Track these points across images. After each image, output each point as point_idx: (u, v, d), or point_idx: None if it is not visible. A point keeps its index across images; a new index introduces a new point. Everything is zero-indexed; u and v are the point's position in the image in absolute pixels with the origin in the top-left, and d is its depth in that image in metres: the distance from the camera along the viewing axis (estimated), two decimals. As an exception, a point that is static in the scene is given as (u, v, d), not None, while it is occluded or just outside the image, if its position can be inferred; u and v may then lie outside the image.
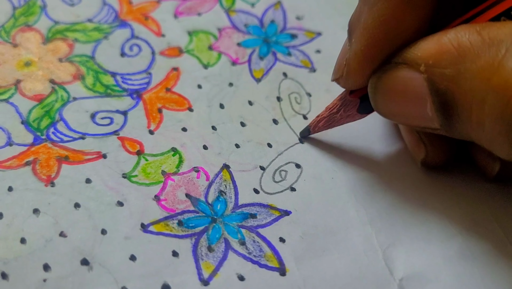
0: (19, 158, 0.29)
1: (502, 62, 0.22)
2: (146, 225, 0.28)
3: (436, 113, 0.25)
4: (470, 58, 0.23)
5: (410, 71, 0.25)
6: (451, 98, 0.24)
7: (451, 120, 0.25)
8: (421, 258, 0.28)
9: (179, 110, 0.32)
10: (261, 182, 0.30)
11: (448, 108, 0.24)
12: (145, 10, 0.36)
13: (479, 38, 0.23)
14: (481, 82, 0.23)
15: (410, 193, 0.30)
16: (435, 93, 0.24)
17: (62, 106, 0.31)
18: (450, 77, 0.23)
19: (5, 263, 0.26)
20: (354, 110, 0.29)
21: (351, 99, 0.29)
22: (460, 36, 0.24)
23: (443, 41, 0.24)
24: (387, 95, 0.26)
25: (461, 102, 0.24)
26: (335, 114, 0.30)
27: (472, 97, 0.23)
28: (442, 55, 0.24)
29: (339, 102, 0.30)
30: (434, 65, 0.24)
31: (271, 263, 0.27)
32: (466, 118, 0.24)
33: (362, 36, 0.27)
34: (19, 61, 0.33)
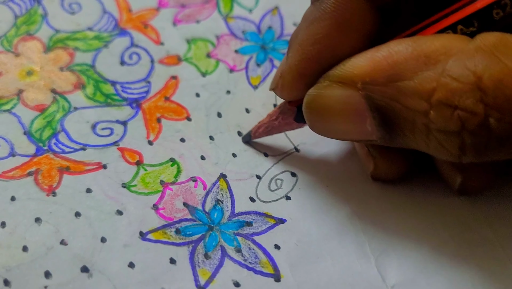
0: (21, 168, 0.30)
1: (440, 81, 0.23)
2: (144, 233, 0.28)
3: (377, 128, 0.25)
4: (407, 75, 0.23)
5: (346, 89, 0.25)
6: (392, 113, 0.24)
7: (392, 133, 0.25)
8: (413, 265, 0.28)
9: (178, 120, 0.33)
10: (257, 190, 0.31)
11: (389, 123, 0.25)
12: (144, 18, 0.37)
13: (413, 53, 0.24)
14: (422, 100, 0.23)
15: (403, 200, 0.31)
16: (375, 109, 0.25)
17: (64, 116, 0.32)
18: (390, 95, 0.24)
19: (8, 270, 0.27)
20: (291, 119, 0.30)
21: (289, 107, 0.30)
22: (394, 51, 0.24)
23: (376, 58, 0.24)
24: (322, 115, 0.27)
25: (403, 116, 0.24)
26: (274, 121, 0.31)
27: (414, 112, 0.23)
28: (378, 73, 0.24)
29: (279, 110, 0.31)
30: (371, 82, 0.24)
31: (266, 269, 0.28)
32: (408, 130, 0.24)
33: (296, 52, 0.28)
34: (21, 71, 0.34)
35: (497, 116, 0.22)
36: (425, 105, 0.23)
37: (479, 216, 0.30)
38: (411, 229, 0.30)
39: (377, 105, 0.24)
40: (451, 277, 0.28)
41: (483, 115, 0.22)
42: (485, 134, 0.23)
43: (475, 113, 0.22)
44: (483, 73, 0.22)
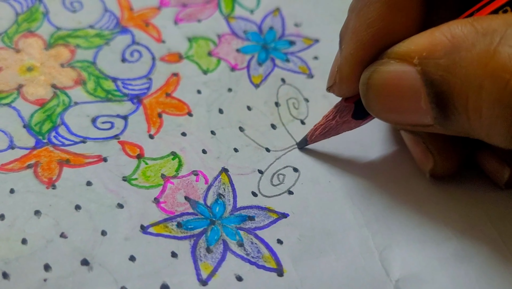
0: (21, 161, 0.30)
1: (497, 48, 0.22)
2: (145, 226, 0.28)
3: (431, 105, 0.25)
4: (464, 47, 0.23)
5: (403, 65, 0.25)
6: (447, 88, 0.24)
7: (446, 112, 0.24)
8: (417, 260, 0.28)
9: (179, 115, 0.33)
10: (259, 185, 0.30)
11: (443, 99, 0.24)
12: (145, 16, 0.37)
13: (472, 28, 0.23)
14: (478, 69, 0.23)
15: (406, 195, 0.30)
16: (430, 84, 0.24)
17: (64, 110, 0.32)
18: (445, 67, 0.23)
19: (6, 263, 0.26)
20: (349, 116, 0.29)
21: (346, 104, 0.29)
22: (453, 29, 0.24)
23: (436, 35, 0.24)
24: (379, 91, 0.26)
25: (457, 91, 0.23)
26: (331, 121, 0.30)
27: (469, 85, 0.23)
28: (435, 47, 0.24)
29: (335, 109, 0.30)
30: (428, 57, 0.24)
31: (269, 264, 0.28)
32: (462, 107, 0.24)
33: (351, 41, 0.27)
34: (21, 66, 0.33)
35: None
36: (480, 76, 0.22)
37: (481, 213, 0.30)
38: (415, 224, 0.30)
39: (432, 80, 0.24)
40: (455, 273, 0.28)
41: None
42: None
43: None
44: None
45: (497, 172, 0.30)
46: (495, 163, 0.30)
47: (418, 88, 0.25)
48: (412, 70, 0.25)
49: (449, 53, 0.23)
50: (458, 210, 0.30)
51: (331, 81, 0.29)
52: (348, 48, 0.27)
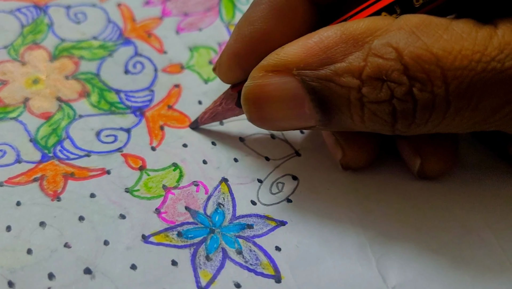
0: (27, 174, 0.31)
1: (368, 60, 0.25)
2: (146, 236, 0.29)
3: (315, 110, 0.27)
4: (338, 58, 0.26)
5: (282, 76, 0.27)
6: (328, 93, 0.26)
7: (330, 114, 0.27)
8: (414, 266, 0.29)
9: (180, 128, 0.33)
10: (259, 194, 0.31)
11: (326, 103, 0.26)
12: (148, 27, 0.38)
13: (342, 37, 0.26)
14: (354, 76, 0.25)
15: (403, 203, 0.31)
16: (312, 91, 0.26)
17: (69, 124, 0.33)
18: (324, 76, 0.26)
19: (12, 272, 0.27)
20: (233, 104, 0.31)
21: (231, 93, 0.31)
22: (324, 38, 0.26)
23: (308, 44, 0.26)
24: (261, 104, 0.28)
25: (339, 95, 0.26)
26: (218, 107, 0.32)
27: (348, 90, 0.25)
28: (311, 58, 0.26)
29: (222, 95, 0.32)
30: (305, 68, 0.26)
31: (267, 271, 0.28)
32: (345, 107, 0.26)
33: (233, 33, 0.30)
34: (27, 79, 0.34)
35: (419, 87, 0.25)
36: (357, 82, 0.25)
37: (478, 218, 0.30)
38: (412, 231, 0.30)
39: (314, 87, 0.26)
40: (451, 279, 0.28)
41: (408, 85, 0.25)
42: (411, 101, 0.25)
43: (400, 83, 0.25)
44: (403, 49, 0.25)
45: (409, 161, 0.31)
46: (409, 152, 0.31)
47: (301, 96, 0.26)
48: (292, 80, 0.26)
49: (324, 64, 0.26)
50: (455, 215, 0.30)
51: (214, 65, 0.32)
52: (230, 39, 0.30)
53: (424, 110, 0.25)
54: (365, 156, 0.31)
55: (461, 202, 0.31)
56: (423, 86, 0.25)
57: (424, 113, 0.25)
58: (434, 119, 0.26)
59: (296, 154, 0.33)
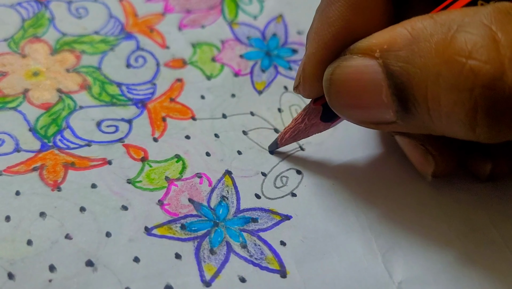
0: (26, 163, 0.30)
1: (454, 35, 0.22)
2: (149, 228, 0.28)
3: (392, 98, 0.25)
4: (423, 38, 0.23)
5: (365, 59, 0.25)
6: (406, 79, 0.24)
7: (407, 104, 0.24)
8: (420, 262, 0.28)
9: (183, 119, 0.33)
10: (263, 187, 0.31)
11: (403, 91, 0.24)
12: (150, 22, 0.37)
13: (431, 20, 0.23)
14: (435, 57, 0.23)
15: (409, 198, 0.31)
16: (390, 76, 0.24)
17: (69, 114, 0.32)
18: (405, 58, 0.24)
19: (12, 263, 0.26)
20: (318, 119, 0.30)
21: (314, 107, 0.30)
22: (413, 22, 0.24)
23: (397, 29, 0.24)
24: (341, 86, 0.26)
25: (417, 81, 0.23)
26: (300, 124, 0.30)
27: (427, 74, 0.23)
28: (396, 39, 0.24)
29: (304, 112, 0.30)
30: (389, 49, 0.24)
31: (272, 265, 0.28)
32: (421, 97, 0.24)
33: (313, 40, 0.27)
34: (27, 71, 0.34)
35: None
36: (438, 63, 0.22)
37: (483, 216, 0.30)
38: (418, 227, 0.30)
39: (393, 71, 0.24)
40: (457, 275, 0.28)
41: (498, 65, 0.21)
42: (501, 90, 0.21)
43: (489, 62, 0.21)
44: (498, 28, 0.21)
45: (479, 166, 0.30)
46: (477, 158, 0.30)
47: (380, 81, 0.25)
48: (374, 64, 0.25)
49: (408, 45, 0.24)
50: (460, 212, 0.30)
51: (297, 82, 0.29)
52: (310, 48, 0.28)
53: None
54: (454, 160, 0.30)
55: (467, 200, 0.31)
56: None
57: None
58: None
59: (300, 149, 0.32)
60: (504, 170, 0.30)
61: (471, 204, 0.31)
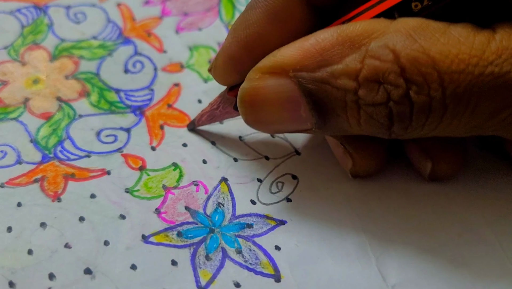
0: (28, 175, 0.31)
1: (364, 60, 0.25)
2: (146, 236, 0.29)
3: (311, 113, 0.26)
4: (335, 60, 0.25)
5: (279, 78, 0.26)
6: (325, 95, 0.26)
7: (326, 117, 0.26)
8: (414, 265, 0.29)
9: (180, 127, 0.33)
10: (258, 193, 0.31)
11: (322, 106, 0.26)
12: (147, 26, 0.38)
13: (339, 40, 0.25)
14: (351, 78, 0.25)
15: (403, 201, 0.31)
16: (308, 94, 0.26)
17: (69, 124, 0.33)
18: (320, 78, 0.25)
19: (13, 272, 0.27)
20: (231, 108, 0.31)
21: (229, 97, 0.31)
22: (320, 40, 0.26)
23: (305, 46, 0.26)
24: (257, 106, 0.28)
25: (335, 98, 0.26)
26: (216, 110, 0.32)
27: (345, 93, 0.25)
28: (307, 60, 0.26)
29: (219, 99, 0.32)
30: (302, 70, 0.26)
31: (267, 270, 0.28)
32: (341, 110, 0.26)
33: (229, 35, 0.30)
34: (27, 80, 0.34)
35: (416, 90, 0.24)
36: (354, 84, 0.25)
37: (478, 217, 0.30)
38: (412, 230, 0.30)
39: (310, 90, 0.26)
40: (451, 277, 0.28)
41: (405, 88, 0.25)
42: (408, 104, 0.25)
43: (397, 86, 0.25)
44: (400, 51, 0.24)
45: (420, 165, 0.31)
46: (419, 156, 0.31)
47: (297, 98, 0.26)
48: (289, 82, 0.26)
49: (321, 66, 0.25)
50: (454, 213, 0.30)
51: (210, 66, 0.31)
52: (226, 42, 0.30)
53: (421, 114, 0.25)
54: (374, 163, 0.31)
55: (461, 200, 0.31)
56: (419, 89, 0.24)
57: (420, 116, 0.25)
58: (431, 122, 0.25)
59: (296, 153, 0.33)
60: (443, 170, 0.31)
61: (465, 205, 0.31)
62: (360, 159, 0.31)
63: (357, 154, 0.30)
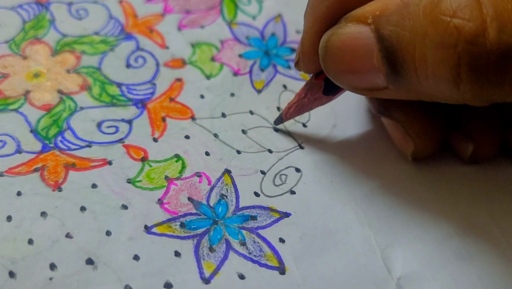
0: (28, 164, 0.30)
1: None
2: (149, 226, 0.29)
3: (382, 61, 0.26)
4: (413, 2, 0.24)
5: (359, 26, 0.26)
6: (396, 41, 0.25)
7: (396, 67, 0.25)
8: (419, 258, 0.29)
9: (182, 119, 0.33)
10: (262, 185, 0.31)
11: (393, 53, 0.25)
12: (150, 23, 0.38)
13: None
14: (423, 19, 0.24)
15: (408, 194, 0.31)
16: (381, 40, 0.25)
17: (70, 115, 0.33)
18: (395, 21, 0.25)
19: (13, 262, 0.27)
20: (320, 93, 0.30)
21: (316, 82, 0.30)
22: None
23: (388, 1, 0.25)
24: (335, 52, 0.27)
25: (405, 43, 0.24)
26: (303, 99, 0.31)
27: (415, 35, 0.24)
28: (388, 6, 0.25)
29: (306, 87, 0.31)
30: (381, 15, 0.25)
31: (271, 262, 0.28)
32: (409, 58, 0.25)
33: (309, 15, 0.29)
34: (28, 73, 0.34)
35: (497, 26, 0.22)
36: (425, 24, 0.24)
37: (483, 212, 0.30)
38: (417, 223, 0.30)
39: (384, 35, 0.25)
40: (456, 271, 0.28)
41: (480, 22, 0.22)
42: (482, 46, 0.22)
43: (472, 20, 0.22)
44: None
45: (461, 147, 0.31)
46: (460, 139, 0.31)
47: (371, 45, 0.26)
48: (367, 29, 0.26)
49: (399, 10, 0.25)
50: (459, 208, 0.30)
51: (297, 57, 0.31)
52: (307, 23, 0.29)
53: (499, 64, 0.22)
54: (434, 144, 0.31)
55: (466, 195, 0.31)
56: (501, 25, 0.22)
57: (498, 67, 0.22)
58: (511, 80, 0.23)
59: (299, 147, 0.33)
60: (485, 151, 0.31)
61: (470, 199, 0.31)
62: (422, 142, 0.31)
63: (418, 137, 0.30)
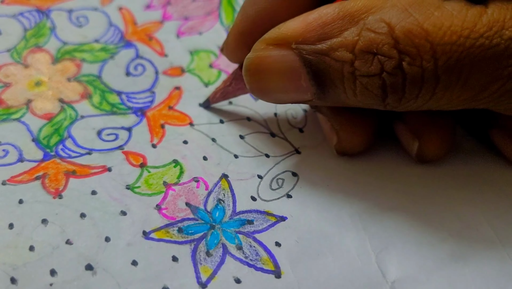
0: (29, 173, 0.31)
1: (361, 33, 0.26)
2: (147, 232, 0.29)
3: (311, 83, 0.28)
4: (335, 34, 0.27)
5: (283, 49, 0.28)
6: (323, 66, 0.27)
7: (324, 87, 0.28)
8: (413, 261, 0.29)
9: (181, 126, 0.34)
10: (259, 189, 0.31)
11: (321, 77, 0.27)
12: (149, 30, 0.38)
13: (339, 15, 0.27)
14: (348, 50, 0.26)
15: (403, 198, 0.31)
16: (308, 65, 0.27)
17: (71, 124, 0.33)
18: (320, 50, 0.27)
19: (15, 269, 0.27)
20: (243, 84, 0.31)
21: (240, 73, 0.31)
22: (322, 15, 0.27)
23: (308, 20, 0.27)
24: (261, 75, 0.29)
25: (333, 69, 0.27)
26: (229, 87, 0.33)
27: (342, 63, 0.27)
28: (309, 33, 0.27)
29: (232, 76, 0.33)
30: (304, 42, 0.27)
31: (267, 266, 0.28)
32: (338, 81, 0.27)
33: (239, 13, 0.32)
34: (30, 82, 0.35)
35: (408, 61, 0.26)
36: (350, 56, 0.26)
37: (478, 214, 0.31)
38: (411, 226, 0.30)
39: (310, 61, 0.27)
40: (451, 273, 0.28)
41: (397, 59, 0.26)
42: (400, 75, 0.26)
43: (391, 57, 0.26)
44: (395, 24, 0.26)
45: (408, 144, 0.32)
46: (406, 135, 0.32)
47: (298, 68, 0.28)
48: (291, 54, 0.28)
49: (321, 39, 0.27)
50: (454, 210, 0.31)
51: (222, 46, 0.33)
52: (236, 20, 0.32)
53: (414, 85, 0.26)
54: (359, 139, 0.32)
55: (460, 197, 0.31)
56: (412, 60, 0.25)
57: (413, 87, 0.26)
58: (424, 94, 0.26)
59: (296, 152, 0.33)
60: (430, 150, 0.31)
61: (464, 201, 0.31)
62: (345, 134, 0.31)
63: (341, 129, 0.31)
